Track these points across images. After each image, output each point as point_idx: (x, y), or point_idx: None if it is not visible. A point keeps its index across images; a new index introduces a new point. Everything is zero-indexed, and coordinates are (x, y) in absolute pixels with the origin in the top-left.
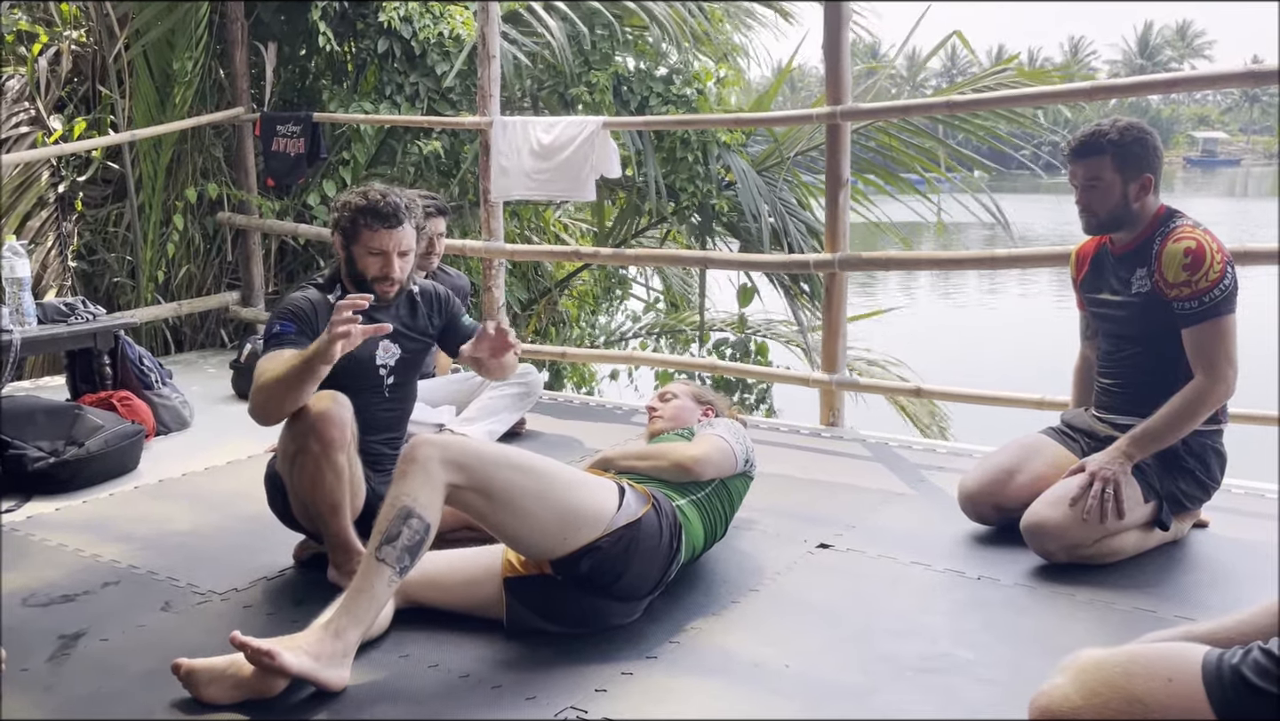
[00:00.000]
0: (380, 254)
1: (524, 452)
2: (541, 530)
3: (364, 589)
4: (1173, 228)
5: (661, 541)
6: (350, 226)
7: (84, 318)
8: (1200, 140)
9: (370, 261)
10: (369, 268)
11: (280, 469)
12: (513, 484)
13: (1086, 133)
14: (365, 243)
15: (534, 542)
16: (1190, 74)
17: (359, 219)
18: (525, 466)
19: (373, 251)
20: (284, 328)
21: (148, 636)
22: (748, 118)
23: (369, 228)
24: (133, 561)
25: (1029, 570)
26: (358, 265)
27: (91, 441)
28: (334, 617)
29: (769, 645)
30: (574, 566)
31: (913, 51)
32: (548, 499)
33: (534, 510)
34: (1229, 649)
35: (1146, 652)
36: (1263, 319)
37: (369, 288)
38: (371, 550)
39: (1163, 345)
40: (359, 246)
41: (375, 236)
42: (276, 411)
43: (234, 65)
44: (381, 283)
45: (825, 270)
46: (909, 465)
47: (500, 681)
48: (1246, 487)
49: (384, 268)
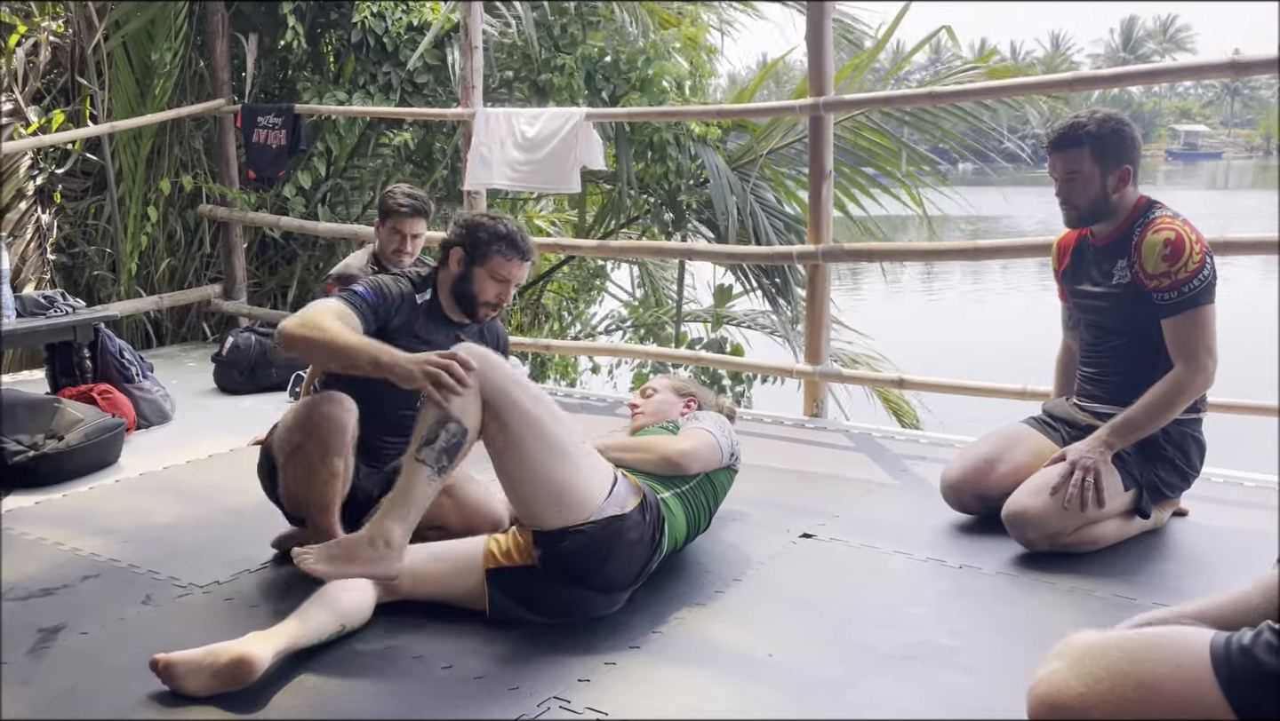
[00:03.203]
0: (504, 282)
1: (550, 409)
2: (534, 491)
3: (403, 489)
4: (1152, 218)
5: (644, 536)
6: (483, 248)
7: (63, 311)
8: (1182, 133)
9: (490, 286)
10: (485, 291)
11: (276, 454)
12: (526, 434)
13: (1064, 125)
14: (494, 268)
15: (526, 499)
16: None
17: (495, 245)
18: (542, 423)
19: (497, 278)
20: (366, 295)
21: (128, 629)
22: (730, 109)
23: (503, 255)
24: (113, 555)
25: (1011, 558)
26: (474, 285)
27: (71, 435)
28: (375, 523)
29: (752, 635)
30: (557, 541)
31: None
32: (549, 466)
33: (536, 468)
34: (1237, 631)
35: (1149, 636)
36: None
37: (472, 306)
38: (411, 453)
39: (1143, 335)
40: (484, 269)
41: (506, 266)
42: (305, 355)
43: (214, 57)
44: (490, 308)
45: (808, 261)
46: (892, 455)
47: (483, 672)
48: (1225, 476)
49: (500, 295)
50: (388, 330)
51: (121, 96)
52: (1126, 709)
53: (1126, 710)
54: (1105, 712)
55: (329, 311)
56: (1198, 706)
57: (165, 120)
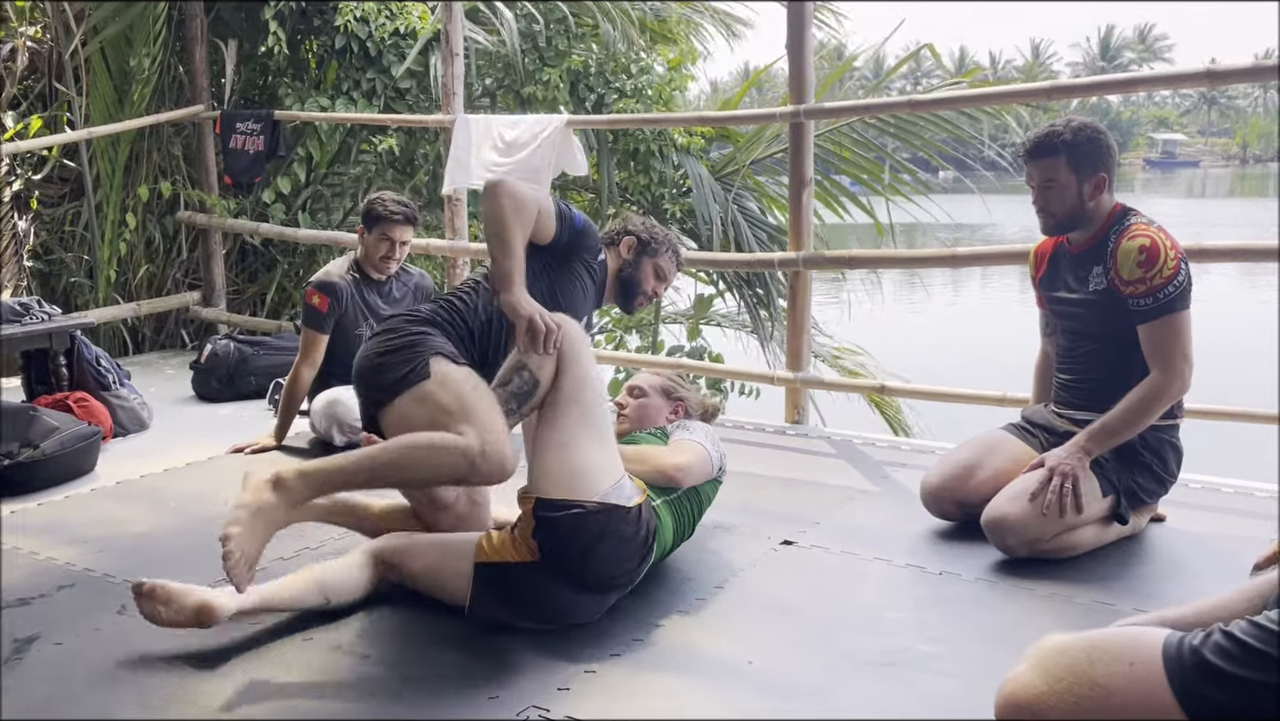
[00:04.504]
0: (662, 279)
1: (599, 391)
2: (557, 457)
3: None
4: (1127, 225)
5: (637, 535)
6: (654, 246)
7: (39, 318)
8: (1160, 142)
9: (651, 279)
10: (647, 280)
11: (407, 445)
12: (573, 404)
13: (1040, 134)
14: (659, 264)
15: (545, 462)
16: (1147, 74)
17: (666, 247)
18: (588, 400)
19: (660, 275)
20: (576, 219)
21: (103, 640)
22: (711, 116)
23: (670, 259)
24: (89, 564)
25: (990, 565)
26: (640, 272)
27: (47, 443)
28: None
29: (732, 642)
30: (556, 510)
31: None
32: (580, 439)
33: (568, 436)
34: (1189, 631)
35: (1109, 637)
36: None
37: (634, 290)
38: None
39: (1120, 341)
40: (651, 261)
41: (670, 266)
42: (489, 213)
43: (193, 62)
44: (645, 298)
45: (789, 269)
46: (872, 462)
47: (461, 680)
48: (1202, 482)
49: (655, 290)
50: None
51: (99, 102)
52: (1084, 707)
53: (1083, 708)
54: (1064, 712)
55: (534, 205)
56: (1150, 706)
57: (143, 126)
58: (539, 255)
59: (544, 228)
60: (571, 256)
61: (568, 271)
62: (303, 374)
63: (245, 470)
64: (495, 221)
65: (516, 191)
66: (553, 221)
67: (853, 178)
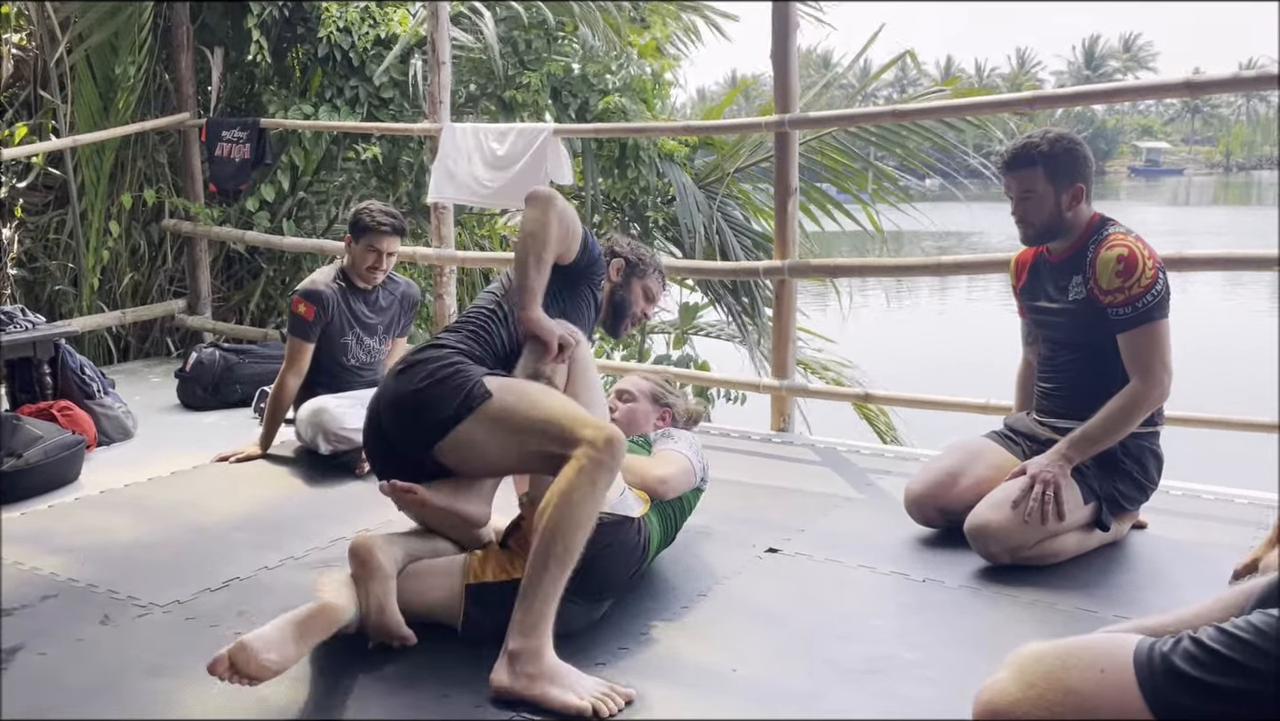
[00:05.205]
0: (651, 301)
1: (601, 399)
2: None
3: None
4: (1105, 235)
5: (639, 543)
6: (642, 268)
7: (23, 326)
8: (1144, 150)
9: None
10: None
11: (560, 519)
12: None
13: (1018, 145)
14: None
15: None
16: (1129, 84)
17: (653, 269)
18: (597, 412)
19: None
20: (597, 248)
21: (86, 650)
22: (697, 125)
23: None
24: (72, 574)
25: (973, 572)
26: (630, 294)
27: (30, 452)
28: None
29: (717, 649)
30: None
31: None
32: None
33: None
34: (1160, 638)
35: (1084, 644)
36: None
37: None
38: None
39: (1099, 350)
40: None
41: (657, 288)
42: (526, 224)
43: (179, 70)
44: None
45: (775, 277)
46: (857, 470)
47: (448, 689)
48: (1183, 489)
49: (645, 311)
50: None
51: (84, 110)
52: (1057, 712)
53: (1056, 714)
54: (1039, 717)
55: (578, 230)
56: (1122, 711)
57: (129, 134)
58: (555, 275)
59: (570, 250)
60: (581, 280)
61: (576, 294)
62: (288, 382)
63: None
64: (538, 240)
65: (566, 214)
66: (578, 244)
67: (838, 186)
